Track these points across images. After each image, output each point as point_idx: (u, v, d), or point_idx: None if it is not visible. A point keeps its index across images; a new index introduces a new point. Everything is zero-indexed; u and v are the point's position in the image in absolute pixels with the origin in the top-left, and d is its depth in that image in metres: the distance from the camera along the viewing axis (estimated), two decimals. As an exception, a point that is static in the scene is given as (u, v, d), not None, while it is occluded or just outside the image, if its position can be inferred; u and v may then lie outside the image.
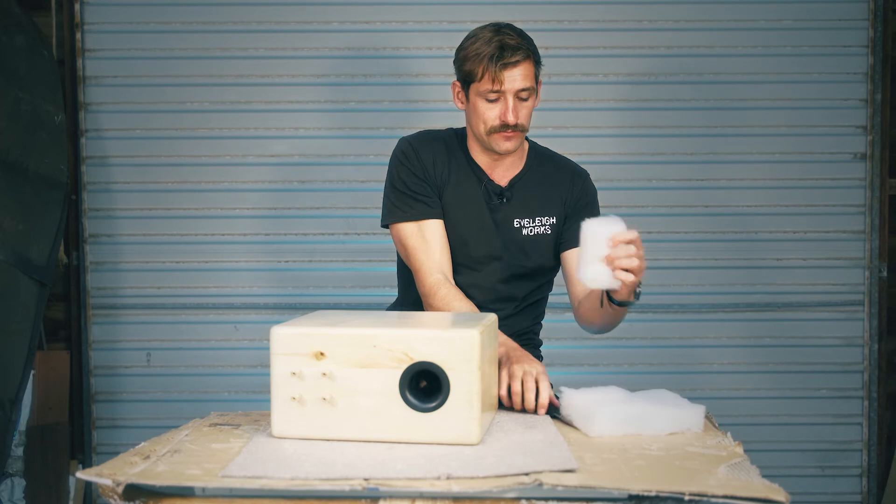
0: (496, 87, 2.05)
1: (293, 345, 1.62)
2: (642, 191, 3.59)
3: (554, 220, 2.19)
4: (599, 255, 1.79)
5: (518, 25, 2.18)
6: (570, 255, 2.18)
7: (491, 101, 2.07)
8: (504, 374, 1.86)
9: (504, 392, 1.85)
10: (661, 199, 3.59)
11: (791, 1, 3.56)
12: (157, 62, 3.56)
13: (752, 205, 3.59)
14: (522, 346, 2.24)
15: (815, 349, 3.61)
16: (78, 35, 3.53)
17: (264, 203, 3.59)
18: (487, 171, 2.18)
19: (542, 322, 2.37)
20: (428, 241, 2.14)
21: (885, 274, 3.59)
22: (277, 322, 1.69)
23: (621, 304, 1.94)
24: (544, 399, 1.81)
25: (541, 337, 2.37)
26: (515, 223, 2.18)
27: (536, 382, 1.83)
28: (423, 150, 2.17)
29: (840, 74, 3.58)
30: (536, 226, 2.18)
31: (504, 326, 2.05)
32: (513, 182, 2.19)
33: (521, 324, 2.25)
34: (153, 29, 3.55)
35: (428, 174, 2.15)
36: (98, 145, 3.58)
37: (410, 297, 2.25)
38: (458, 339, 1.58)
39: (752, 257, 3.61)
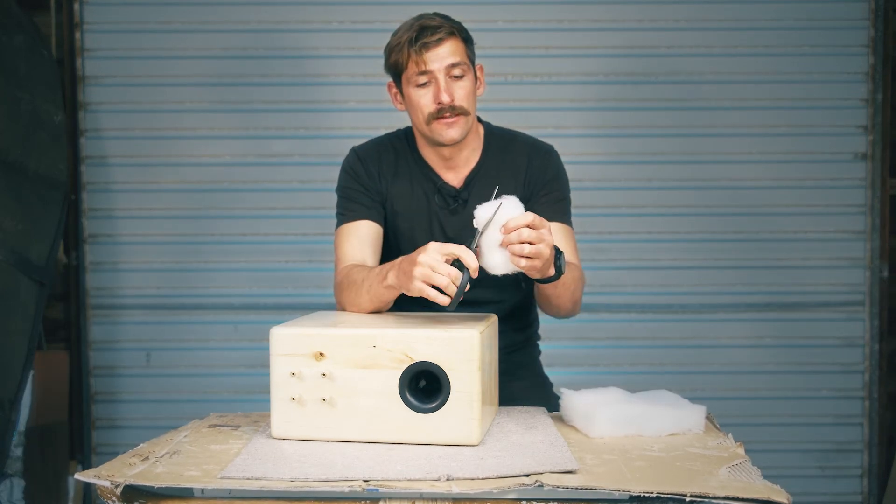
0: (422, 69, 1.96)
1: (293, 345, 1.61)
2: (642, 191, 3.58)
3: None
4: (495, 242, 1.69)
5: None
6: None
7: (422, 87, 1.98)
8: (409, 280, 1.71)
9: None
10: (661, 199, 3.59)
11: (791, 1, 3.56)
12: (156, 62, 3.56)
13: (752, 205, 3.59)
14: (520, 347, 2.23)
15: (816, 349, 3.61)
16: (77, 35, 3.53)
17: (264, 203, 3.59)
18: (441, 173, 2.08)
19: (541, 321, 2.31)
20: (351, 238, 2.05)
21: (885, 274, 3.59)
22: (277, 322, 1.69)
23: (542, 281, 1.82)
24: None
25: (542, 337, 2.34)
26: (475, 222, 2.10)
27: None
28: (369, 160, 2.11)
29: (840, 74, 3.57)
30: None
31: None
32: (469, 179, 2.08)
33: (517, 324, 2.18)
34: (153, 29, 3.55)
35: (372, 183, 2.09)
36: (97, 145, 3.58)
37: None
38: (459, 339, 1.57)
39: (752, 257, 3.60)
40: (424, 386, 1.61)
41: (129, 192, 3.59)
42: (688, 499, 1.35)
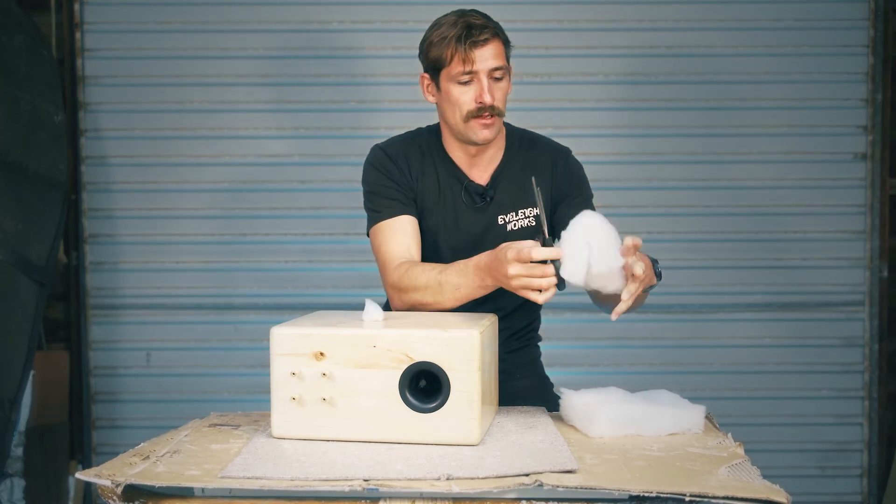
0: (468, 68, 1.96)
1: (293, 345, 1.61)
2: (642, 191, 3.59)
3: (537, 210, 2.02)
4: (611, 267, 1.71)
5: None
6: None
7: (464, 84, 1.98)
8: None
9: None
10: (661, 199, 3.59)
11: (791, 1, 3.56)
12: (156, 62, 3.56)
13: (752, 205, 3.59)
14: (521, 346, 2.23)
15: (816, 349, 3.61)
16: (77, 35, 3.53)
17: (264, 203, 3.59)
18: (467, 171, 2.09)
19: (541, 320, 2.31)
20: (396, 234, 2.04)
21: (885, 274, 3.59)
22: (277, 322, 1.69)
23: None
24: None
25: (542, 337, 2.34)
26: (500, 220, 2.09)
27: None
28: (398, 157, 2.10)
29: (840, 74, 3.57)
30: (519, 219, 2.08)
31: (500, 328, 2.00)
32: (495, 176, 2.09)
33: (518, 324, 2.20)
34: (153, 29, 3.55)
35: (404, 179, 2.08)
36: (97, 145, 3.58)
37: None
38: (459, 339, 1.57)
39: (752, 257, 3.60)
40: (424, 386, 1.61)
41: (129, 192, 3.59)
42: (687, 498, 1.35)
